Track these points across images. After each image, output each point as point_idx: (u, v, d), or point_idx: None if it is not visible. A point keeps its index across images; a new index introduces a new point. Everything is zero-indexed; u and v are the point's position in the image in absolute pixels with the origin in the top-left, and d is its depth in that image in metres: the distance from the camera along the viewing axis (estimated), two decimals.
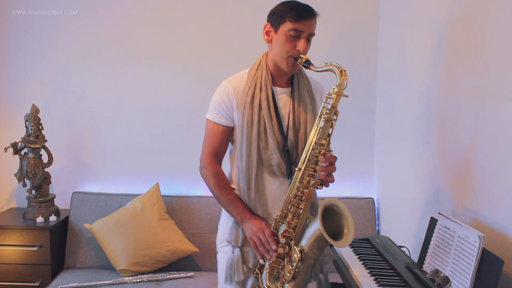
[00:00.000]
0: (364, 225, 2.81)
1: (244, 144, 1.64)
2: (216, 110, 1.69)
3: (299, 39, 1.60)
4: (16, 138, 2.78)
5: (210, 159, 1.71)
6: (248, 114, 1.63)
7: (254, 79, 1.67)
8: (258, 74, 1.67)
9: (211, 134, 1.71)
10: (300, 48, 1.59)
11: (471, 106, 1.73)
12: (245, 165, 1.64)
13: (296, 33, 1.59)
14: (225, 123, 1.69)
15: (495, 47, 1.59)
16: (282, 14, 1.61)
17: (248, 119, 1.63)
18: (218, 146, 1.71)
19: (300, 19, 1.58)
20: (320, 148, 1.54)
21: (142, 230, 2.65)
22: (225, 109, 1.68)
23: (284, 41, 1.60)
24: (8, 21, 2.94)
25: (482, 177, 1.66)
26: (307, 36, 1.61)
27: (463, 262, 1.45)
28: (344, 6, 2.93)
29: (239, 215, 1.66)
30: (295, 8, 1.60)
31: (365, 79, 2.95)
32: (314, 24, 1.62)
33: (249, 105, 1.63)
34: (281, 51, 1.62)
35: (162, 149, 3.00)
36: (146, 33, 2.95)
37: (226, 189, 1.70)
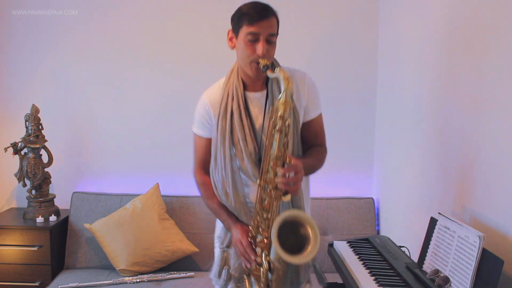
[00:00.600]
0: (364, 225, 2.81)
1: (218, 155, 1.64)
2: (198, 123, 1.74)
3: (257, 42, 1.53)
4: (16, 138, 2.78)
5: (198, 169, 1.78)
6: (221, 125, 1.62)
7: (226, 88, 1.65)
8: (230, 82, 1.65)
9: (196, 147, 1.78)
10: (259, 52, 1.52)
11: (472, 106, 1.73)
12: (220, 177, 1.64)
13: (253, 36, 1.52)
14: (207, 135, 1.72)
15: (497, 46, 1.59)
16: (239, 19, 1.56)
17: (222, 130, 1.62)
18: (204, 158, 1.76)
19: (254, 22, 1.51)
20: (277, 160, 1.49)
21: (142, 230, 2.65)
22: (205, 122, 1.71)
23: (244, 46, 1.55)
24: (8, 21, 2.94)
25: (482, 177, 1.66)
26: (266, 37, 1.53)
27: (463, 262, 1.45)
28: (344, 6, 2.93)
29: (225, 222, 1.71)
30: (248, 11, 1.54)
31: (365, 78, 2.95)
32: (273, 23, 1.55)
33: (223, 116, 1.63)
34: (243, 57, 1.57)
35: (162, 149, 3.00)
36: (146, 33, 2.95)
37: (212, 198, 1.73)
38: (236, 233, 1.63)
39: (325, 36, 2.93)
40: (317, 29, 2.94)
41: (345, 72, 2.95)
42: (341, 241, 2.01)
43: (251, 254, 1.57)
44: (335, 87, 2.95)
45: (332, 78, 2.95)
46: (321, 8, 2.91)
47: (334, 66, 2.95)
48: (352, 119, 2.97)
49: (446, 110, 1.95)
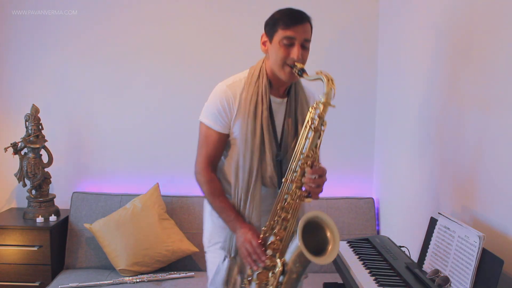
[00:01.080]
0: (364, 225, 2.81)
1: (247, 155, 1.61)
2: (213, 116, 1.65)
3: (292, 46, 1.55)
4: (16, 138, 2.78)
5: (205, 165, 1.68)
6: (251, 124, 1.60)
7: (256, 88, 1.63)
8: (260, 82, 1.63)
9: (207, 140, 1.68)
10: (294, 56, 1.54)
11: (471, 106, 1.73)
12: (247, 175, 1.62)
13: (288, 40, 1.54)
14: (221, 130, 1.65)
15: (496, 46, 1.59)
16: (274, 23, 1.58)
17: (252, 130, 1.60)
18: (214, 153, 1.69)
19: (291, 26, 1.54)
20: (307, 159, 1.51)
21: (142, 230, 2.65)
22: (224, 116, 1.64)
23: (278, 49, 1.56)
24: (8, 21, 2.94)
25: (482, 177, 1.66)
26: (302, 42, 1.55)
27: (463, 262, 1.45)
28: (344, 6, 2.93)
29: (231, 222, 1.64)
30: (285, 16, 1.56)
31: (365, 79, 2.95)
32: (308, 29, 1.58)
33: (253, 115, 1.60)
34: (277, 60, 1.57)
35: (162, 149, 3.00)
36: (146, 33, 2.95)
37: (220, 197, 1.68)
38: (244, 233, 1.59)
39: (325, 36, 2.93)
40: (316, 29, 2.92)
41: (345, 72, 2.95)
42: (341, 241, 2.00)
43: (262, 254, 1.54)
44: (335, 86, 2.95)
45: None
46: (321, 9, 2.91)
47: (334, 66, 2.95)
48: (352, 119, 2.98)
49: (446, 110, 1.95)
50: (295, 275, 1.51)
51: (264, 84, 1.63)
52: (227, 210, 1.65)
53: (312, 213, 1.49)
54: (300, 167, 1.52)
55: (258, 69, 1.66)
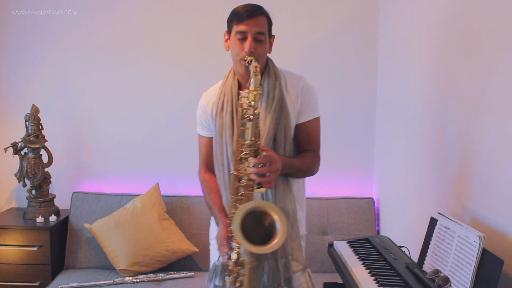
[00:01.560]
0: (364, 225, 2.81)
1: (217, 152, 1.69)
2: (199, 123, 1.81)
3: (245, 40, 1.59)
4: (16, 138, 2.78)
5: (201, 167, 1.84)
6: (219, 124, 1.68)
7: (223, 88, 1.71)
8: (227, 82, 1.71)
9: (200, 146, 1.84)
10: (245, 49, 1.58)
11: (471, 106, 1.73)
12: (221, 173, 1.68)
13: (241, 35, 1.59)
14: (208, 134, 1.78)
15: (495, 45, 1.59)
16: (230, 20, 1.64)
17: (219, 128, 1.68)
18: (206, 156, 1.81)
19: (242, 20, 1.58)
20: (250, 149, 1.51)
21: (142, 230, 2.65)
22: (203, 122, 1.78)
23: (234, 45, 1.62)
24: (8, 21, 2.94)
25: (482, 177, 1.66)
26: (254, 35, 1.58)
27: (463, 262, 1.45)
28: (344, 5, 2.92)
29: (216, 218, 1.75)
30: (237, 11, 1.61)
31: (365, 79, 2.95)
32: (260, 21, 1.60)
33: (219, 114, 1.68)
34: (234, 56, 1.64)
35: (162, 149, 3.00)
36: (146, 33, 2.95)
37: (209, 195, 1.78)
38: (221, 227, 1.66)
39: (325, 36, 2.93)
40: (316, 29, 2.93)
41: (345, 72, 2.95)
42: (341, 241, 2.01)
43: (225, 246, 1.59)
44: (335, 87, 2.95)
45: (332, 78, 2.95)
46: (321, 8, 2.91)
47: (334, 66, 2.95)
48: (352, 119, 2.97)
49: (446, 110, 1.95)
50: (250, 266, 1.50)
51: (230, 83, 1.69)
52: (214, 206, 1.75)
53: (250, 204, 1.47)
54: (243, 157, 1.53)
55: (228, 71, 1.74)
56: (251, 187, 1.52)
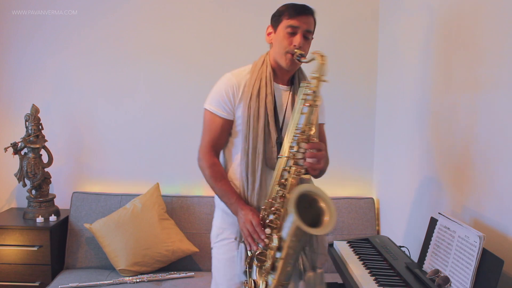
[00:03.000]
0: (364, 225, 2.81)
1: (250, 136, 1.65)
2: (217, 102, 1.70)
3: (295, 35, 1.63)
4: (16, 138, 2.78)
5: (208, 150, 1.72)
6: (254, 107, 1.65)
7: (259, 74, 1.70)
8: (263, 69, 1.71)
9: (211, 126, 1.72)
10: (295, 43, 1.62)
11: (471, 106, 1.73)
12: (251, 157, 1.65)
13: (292, 29, 1.63)
14: (225, 116, 1.70)
15: (495, 45, 1.59)
16: (280, 14, 1.68)
17: (255, 112, 1.65)
18: (217, 139, 1.73)
19: (294, 16, 1.63)
20: (303, 134, 1.54)
21: (142, 230, 2.65)
22: (227, 102, 1.69)
23: (282, 38, 1.65)
24: (8, 21, 2.94)
25: (482, 177, 1.66)
26: (304, 33, 1.64)
27: (463, 262, 1.45)
28: (345, 5, 2.93)
29: (232, 205, 1.67)
30: (290, 6, 1.66)
31: (365, 78, 2.95)
32: (310, 21, 1.66)
33: (256, 98, 1.66)
34: (280, 48, 1.66)
35: (162, 149, 3.00)
36: (147, 33, 2.95)
37: (221, 180, 1.70)
38: (245, 214, 1.60)
39: (325, 36, 2.92)
40: (316, 29, 2.93)
41: (345, 72, 2.95)
42: (341, 241, 2.01)
43: (261, 233, 1.54)
44: (335, 86, 2.94)
45: (332, 78, 2.94)
46: (321, 8, 2.90)
47: (334, 65, 2.93)
48: (352, 119, 2.97)
49: (446, 110, 1.95)
50: (292, 250, 1.48)
51: (268, 71, 1.70)
52: (229, 193, 1.67)
53: (304, 187, 1.48)
54: (296, 142, 1.54)
55: (262, 59, 1.74)
56: (299, 172, 1.53)
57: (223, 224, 1.75)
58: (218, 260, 1.76)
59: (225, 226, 1.74)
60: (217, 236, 1.78)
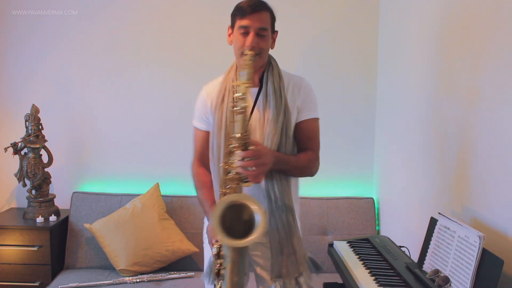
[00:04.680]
0: (364, 225, 2.81)
1: (214, 146, 1.67)
2: (196, 116, 1.79)
3: (247, 35, 1.61)
4: (16, 138, 2.78)
5: (195, 161, 1.83)
6: (218, 116, 1.67)
7: (225, 82, 1.71)
8: (229, 76, 1.71)
9: (195, 139, 1.83)
10: (247, 43, 1.60)
11: (471, 106, 1.73)
12: (216, 166, 1.66)
13: (244, 29, 1.61)
14: (205, 128, 1.77)
15: (494, 45, 1.59)
16: (233, 14, 1.66)
17: (218, 121, 1.66)
18: (201, 150, 1.79)
19: (245, 15, 1.60)
20: (239, 142, 1.50)
21: (142, 230, 2.65)
22: (202, 115, 1.76)
23: (236, 39, 1.64)
24: (8, 21, 2.94)
25: (482, 177, 1.66)
26: (257, 31, 1.60)
27: (463, 262, 1.45)
28: (345, 5, 2.92)
29: (207, 212, 1.74)
30: (241, 6, 1.63)
31: (365, 79, 2.95)
32: (263, 17, 1.61)
33: (219, 107, 1.67)
34: (236, 50, 1.66)
35: (162, 149, 3.00)
36: (146, 33, 2.95)
37: (202, 189, 1.78)
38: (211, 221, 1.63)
39: (325, 36, 2.93)
40: (316, 29, 2.93)
41: (345, 71, 2.95)
42: (341, 241, 2.01)
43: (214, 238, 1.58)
44: (335, 86, 2.95)
45: (332, 78, 2.95)
46: (320, 7, 2.91)
47: (334, 65, 2.95)
48: (352, 119, 2.97)
49: (446, 110, 1.95)
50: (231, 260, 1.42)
51: (232, 77, 1.69)
52: (205, 201, 1.74)
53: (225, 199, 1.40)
54: (231, 150, 1.52)
55: (231, 65, 1.74)
56: (238, 181, 1.50)
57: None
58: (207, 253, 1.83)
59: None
60: (204, 234, 1.85)
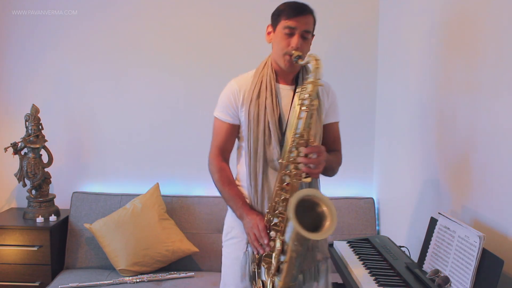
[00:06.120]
0: (364, 225, 2.81)
1: (251, 139, 1.67)
2: (222, 108, 1.74)
3: (293, 36, 1.62)
4: (16, 138, 2.78)
5: (216, 155, 1.77)
6: (254, 110, 1.67)
7: (260, 77, 1.71)
8: (264, 72, 1.72)
9: (217, 131, 1.77)
10: (293, 45, 1.62)
11: (471, 106, 1.73)
12: (253, 160, 1.67)
13: (289, 30, 1.62)
14: (230, 121, 1.74)
15: (494, 45, 1.59)
16: (278, 14, 1.67)
17: (255, 115, 1.67)
18: (224, 143, 1.76)
19: (292, 16, 1.62)
20: (302, 139, 1.55)
21: (142, 230, 2.65)
22: (230, 107, 1.72)
23: (280, 39, 1.65)
24: (8, 21, 2.94)
25: (482, 177, 1.66)
26: (302, 33, 1.63)
27: (463, 262, 1.45)
28: (344, 6, 2.93)
29: (238, 210, 1.69)
30: (288, 7, 1.65)
31: (365, 79, 2.95)
32: (309, 21, 1.65)
33: (255, 102, 1.67)
34: (278, 49, 1.66)
35: (162, 149, 3.00)
36: (147, 33, 2.95)
37: (229, 185, 1.74)
38: (251, 219, 1.63)
39: (325, 36, 2.92)
40: (316, 30, 2.92)
41: (345, 71, 2.95)
42: (341, 241, 2.01)
43: (265, 237, 1.57)
44: (334, 86, 2.91)
45: (332, 78, 2.93)
46: (320, 8, 2.89)
47: (334, 65, 2.95)
48: (352, 119, 2.97)
49: (445, 110, 1.95)
50: (295, 254, 1.51)
51: (268, 73, 1.70)
52: (235, 197, 1.71)
53: (303, 192, 1.49)
54: (295, 147, 1.55)
55: (264, 62, 1.75)
56: (300, 176, 1.54)
57: (232, 223, 1.77)
58: (227, 258, 1.79)
59: (234, 224, 1.76)
60: (226, 235, 1.80)
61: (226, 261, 1.79)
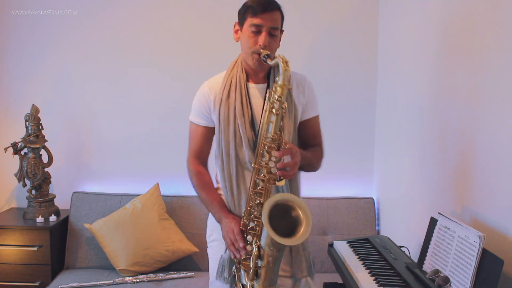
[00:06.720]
0: (364, 225, 2.81)
1: (222, 142, 1.66)
2: (196, 112, 1.75)
3: (260, 34, 1.59)
4: (16, 138, 2.78)
5: (193, 159, 1.78)
6: (224, 112, 1.66)
7: (229, 77, 1.69)
8: (234, 72, 1.70)
9: (193, 135, 1.78)
10: (260, 43, 1.59)
11: (471, 106, 1.73)
12: (225, 163, 1.66)
13: (256, 28, 1.59)
14: (205, 124, 1.73)
15: (494, 45, 1.59)
16: (244, 11, 1.64)
17: (225, 117, 1.65)
18: (200, 147, 1.76)
19: (258, 14, 1.58)
20: (273, 143, 1.52)
21: (142, 230, 2.65)
22: (203, 110, 1.73)
23: (247, 37, 1.62)
24: (8, 21, 2.94)
25: (482, 177, 1.66)
26: (269, 30, 1.59)
27: (463, 262, 1.45)
28: (344, 6, 2.92)
29: (216, 214, 1.70)
30: (253, 3, 1.60)
31: (365, 78, 2.95)
32: (276, 17, 1.61)
33: (225, 103, 1.66)
34: (246, 48, 1.64)
35: (162, 149, 2.99)
36: (147, 33, 2.95)
37: (206, 189, 1.74)
38: (227, 223, 1.62)
39: (325, 36, 2.93)
40: (316, 29, 2.94)
41: (345, 72, 2.95)
42: (341, 241, 2.01)
43: (241, 241, 1.56)
44: (335, 87, 2.95)
45: (332, 78, 2.95)
46: (320, 8, 2.91)
47: (334, 65, 2.95)
48: (352, 119, 2.97)
49: (445, 110, 1.95)
50: (272, 258, 1.50)
51: (238, 72, 1.68)
52: (212, 202, 1.71)
53: (277, 196, 1.48)
54: (266, 151, 1.53)
55: (234, 61, 1.73)
56: (273, 180, 1.53)
57: (213, 226, 1.78)
58: (211, 259, 1.82)
59: (214, 227, 1.76)
60: (209, 237, 1.82)
61: (211, 262, 1.82)
